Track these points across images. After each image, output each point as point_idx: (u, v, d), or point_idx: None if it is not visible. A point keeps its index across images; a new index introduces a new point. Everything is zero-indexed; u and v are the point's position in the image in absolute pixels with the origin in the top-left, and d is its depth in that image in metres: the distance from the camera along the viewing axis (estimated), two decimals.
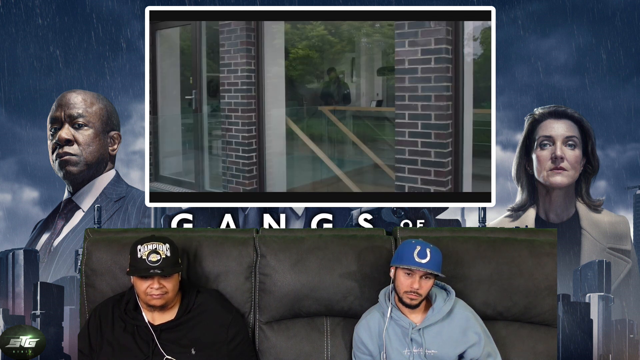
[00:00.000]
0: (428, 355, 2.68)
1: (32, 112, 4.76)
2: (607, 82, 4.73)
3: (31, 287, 4.30)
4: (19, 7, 4.68)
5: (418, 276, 2.61)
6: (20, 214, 4.87)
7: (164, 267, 2.59)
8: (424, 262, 2.58)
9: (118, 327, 2.69)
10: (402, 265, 2.61)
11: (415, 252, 2.60)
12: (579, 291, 4.49)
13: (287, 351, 2.92)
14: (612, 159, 4.76)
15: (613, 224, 4.67)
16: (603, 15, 4.70)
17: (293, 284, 2.90)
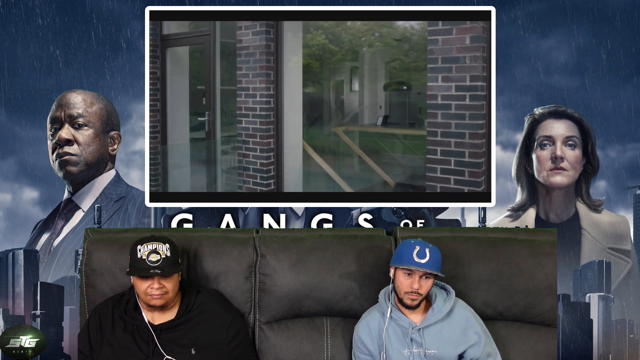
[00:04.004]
0: (428, 355, 2.68)
1: (32, 112, 4.76)
2: (607, 82, 4.73)
3: (31, 287, 4.30)
4: (19, 7, 4.68)
5: (418, 276, 2.61)
6: (20, 214, 4.87)
7: (164, 267, 2.59)
8: (424, 262, 2.58)
9: (118, 327, 2.69)
10: (401, 265, 2.61)
11: (415, 252, 2.60)
12: (579, 291, 4.49)
13: (287, 351, 2.92)
14: (612, 159, 4.76)
15: (613, 224, 4.67)
16: (603, 15, 4.70)
17: (293, 284, 2.90)
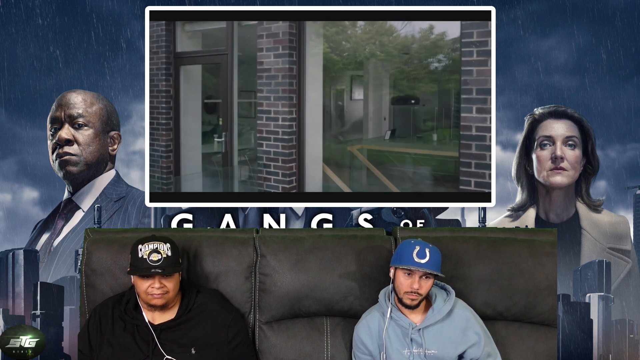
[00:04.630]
0: (428, 355, 2.68)
1: (32, 112, 4.76)
2: (607, 82, 4.73)
3: (31, 287, 4.30)
4: (19, 7, 4.68)
5: (418, 276, 2.61)
6: (20, 214, 4.87)
7: (165, 267, 2.59)
8: (424, 262, 2.58)
9: (118, 327, 2.69)
10: (401, 265, 2.61)
11: (415, 252, 2.60)
12: (579, 291, 4.49)
13: (287, 351, 2.92)
14: (612, 159, 4.76)
15: (613, 224, 4.66)
16: (603, 15, 4.70)
17: (293, 284, 2.90)
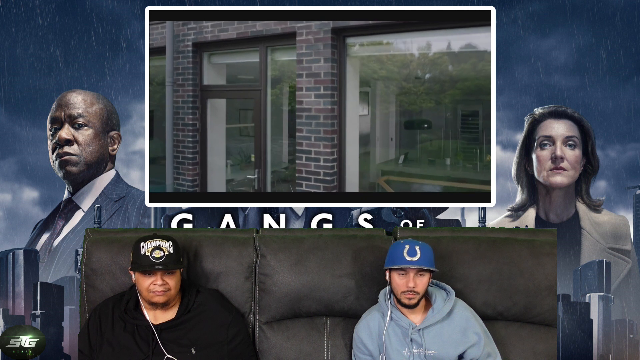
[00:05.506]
0: (428, 355, 2.68)
1: (32, 112, 4.76)
2: (607, 82, 4.73)
3: (31, 287, 4.30)
4: (19, 7, 4.68)
5: (412, 274, 2.62)
6: (20, 214, 4.87)
7: (167, 263, 2.60)
8: (415, 259, 2.60)
9: (118, 326, 2.69)
10: (394, 266, 2.63)
11: (405, 251, 2.62)
12: (579, 291, 4.49)
13: (287, 351, 2.92)
14: (612, 159, 4.76)
15: (613, 224, 4.66)
16: (603, 15, 4.70)
17: (293, 284, 2.90)
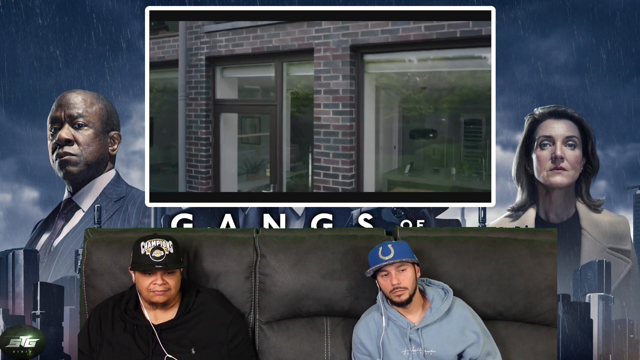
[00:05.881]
0: (427, 355, 2.68)
1: (32, 112, 4.76)
2: (607, 82, 4.73)
3: (31, 287, 4.30)
4: (19, 7, 4.68)
5: (393, 272, 2.64)
6: (20, 214, 4.87)
7: (167, 263, 2.60)
8: (390, 257, 2.64)
9: (118, 327, 2.69)
10: (371, 269, 2.67)
11: (379, 253, 2.66)
12: (579, 291, 4.49)
13: (287, 351, 2.92)
14: (612, 159, 4.76)
15: (613, 224, 4.66)
16: (603, 15, 4.70)
17: (293, 284, 2.90)
